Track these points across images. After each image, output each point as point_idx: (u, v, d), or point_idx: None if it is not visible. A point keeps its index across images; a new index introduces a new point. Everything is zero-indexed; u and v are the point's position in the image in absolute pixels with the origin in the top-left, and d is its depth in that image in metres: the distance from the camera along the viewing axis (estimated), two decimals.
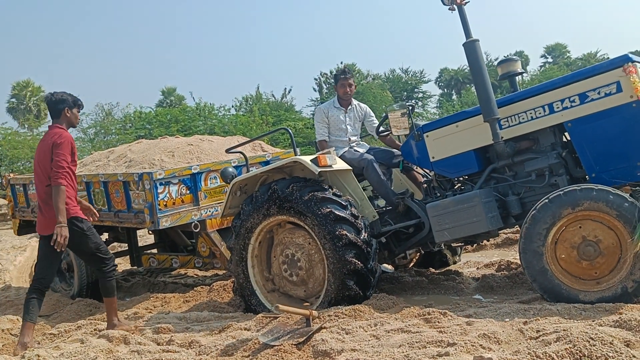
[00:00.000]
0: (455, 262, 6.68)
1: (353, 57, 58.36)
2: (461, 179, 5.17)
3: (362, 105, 6.16)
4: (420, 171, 5.70)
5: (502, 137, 4.70)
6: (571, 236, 4.18)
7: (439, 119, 5.37)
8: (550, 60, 56.04)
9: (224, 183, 5.98)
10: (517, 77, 5.38)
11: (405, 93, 46.29)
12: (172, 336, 4.54)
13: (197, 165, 6.65)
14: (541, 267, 4.22)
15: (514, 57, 5.37)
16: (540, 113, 4.62)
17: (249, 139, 6.37)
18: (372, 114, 6.14)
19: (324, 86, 45.49)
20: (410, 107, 5.17)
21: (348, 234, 4.75)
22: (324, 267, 4.99)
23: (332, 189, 5.03)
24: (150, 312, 6.01)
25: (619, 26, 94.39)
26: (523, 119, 4.70)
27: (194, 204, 6.61)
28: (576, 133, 4.50)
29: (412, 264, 6.87)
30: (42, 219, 5.05)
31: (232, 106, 37.60)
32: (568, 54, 56.07)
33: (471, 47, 4.66)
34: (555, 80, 4.68)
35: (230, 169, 5.86)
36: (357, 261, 4.75)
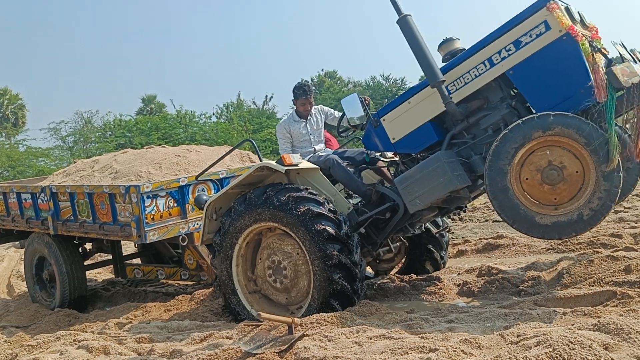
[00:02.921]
0: (442, 258, 6.64)
1: (334, 64, 58.61)
2: (424, 154, 5.22)
3: (319, 107, 6.26)
4: (387, 156, 5.81)
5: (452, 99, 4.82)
6: (538, 160, 4.26)
7: (391, 101, 5.46)
8: None
9: (212, 194, 5.91)
10: None
11: (387, 100, 46.44)
12: (153, 346, 4.50)
13: (185, 177, 6.53)
14: (504, 185, 4.30)
15: (453, 37, 5.47)
16: (482, 69, 4.76)
17: (215, 160, 6.23)
18: (330, 109, 6.32)
19: None
20: (363, 99, 5.30)
21: (338, 254, 4.77)
22: (309, 280, 4.97)
23: (327, 204, 5.02)
24: (130, 321, 5.95)
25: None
26: (468, 79, 4.83)
27: (182, 216, 6.49)
28: (519, 79, 4.65)
29: (394, 271, 6.89)
30: None
31: (213, 113, 37.35)
32: None
33: (405, 22, 4.81)
34: (488, 36, 4.80)
35: (205, 196, 5.81)
36: (343, 282, 4.78)
